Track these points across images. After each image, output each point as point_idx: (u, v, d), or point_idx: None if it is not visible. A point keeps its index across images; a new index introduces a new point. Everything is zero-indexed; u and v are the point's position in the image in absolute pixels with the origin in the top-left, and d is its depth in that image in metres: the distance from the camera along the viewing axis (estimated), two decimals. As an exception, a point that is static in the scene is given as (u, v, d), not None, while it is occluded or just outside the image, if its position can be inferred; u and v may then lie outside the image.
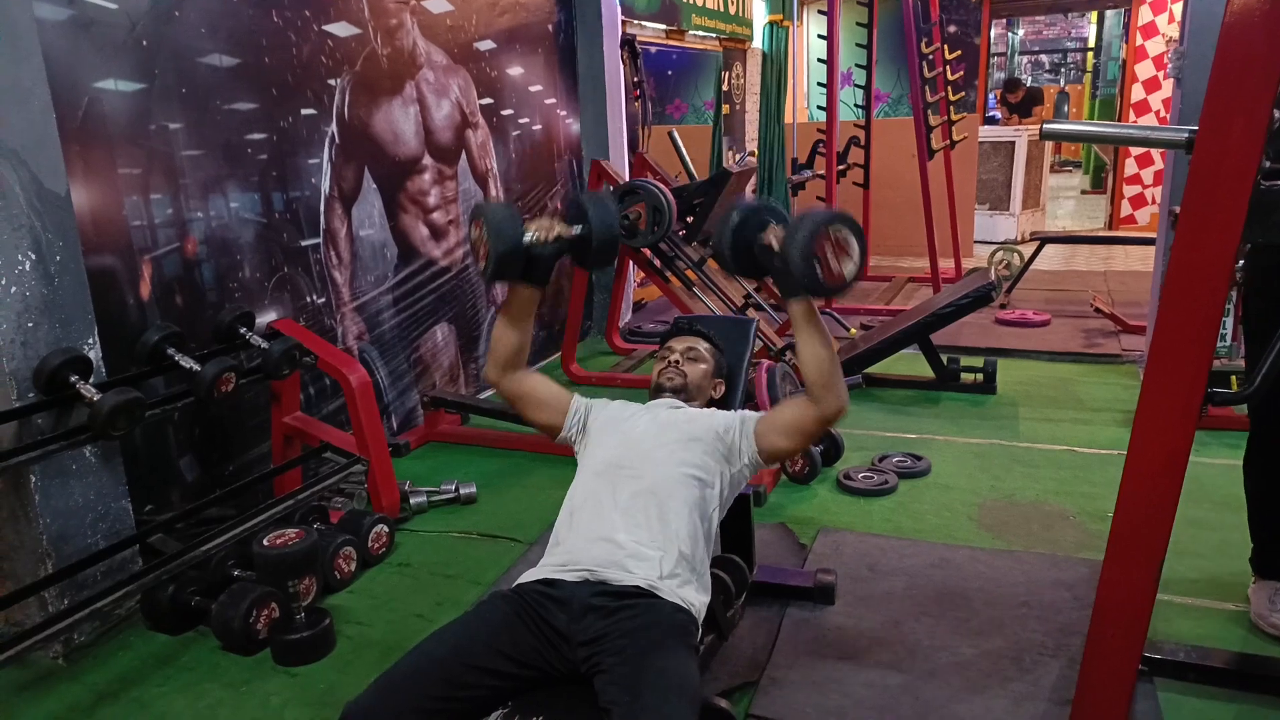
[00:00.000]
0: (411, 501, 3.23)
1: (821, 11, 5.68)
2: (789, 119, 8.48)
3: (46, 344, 2.37)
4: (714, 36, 8.15)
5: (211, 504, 2.82)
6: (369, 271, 3.77)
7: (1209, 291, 1.63)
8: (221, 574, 2.59)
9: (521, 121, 4.92)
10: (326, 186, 3.51)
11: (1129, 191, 9.07)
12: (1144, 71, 8.91)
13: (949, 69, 6.68)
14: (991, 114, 10.80)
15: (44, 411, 2.39)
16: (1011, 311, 5.81)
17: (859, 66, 6.57)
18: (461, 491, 3.32)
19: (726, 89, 8.51)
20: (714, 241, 1.90)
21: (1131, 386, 4.32)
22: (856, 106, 7.21)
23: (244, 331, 2.95)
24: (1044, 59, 19.38)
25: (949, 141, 6.71)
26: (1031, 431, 3.84)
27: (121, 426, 2.40)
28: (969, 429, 3.89)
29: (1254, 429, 2.36)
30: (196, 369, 2.68)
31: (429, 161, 4.11)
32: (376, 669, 1.63)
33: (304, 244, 3.42)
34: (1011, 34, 16.82)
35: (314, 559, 2.47)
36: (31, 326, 2.34)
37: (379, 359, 3.88)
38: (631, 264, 5.24)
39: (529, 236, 1.87)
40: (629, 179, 4.96)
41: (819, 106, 6.56)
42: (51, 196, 2.36)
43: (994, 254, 6.66)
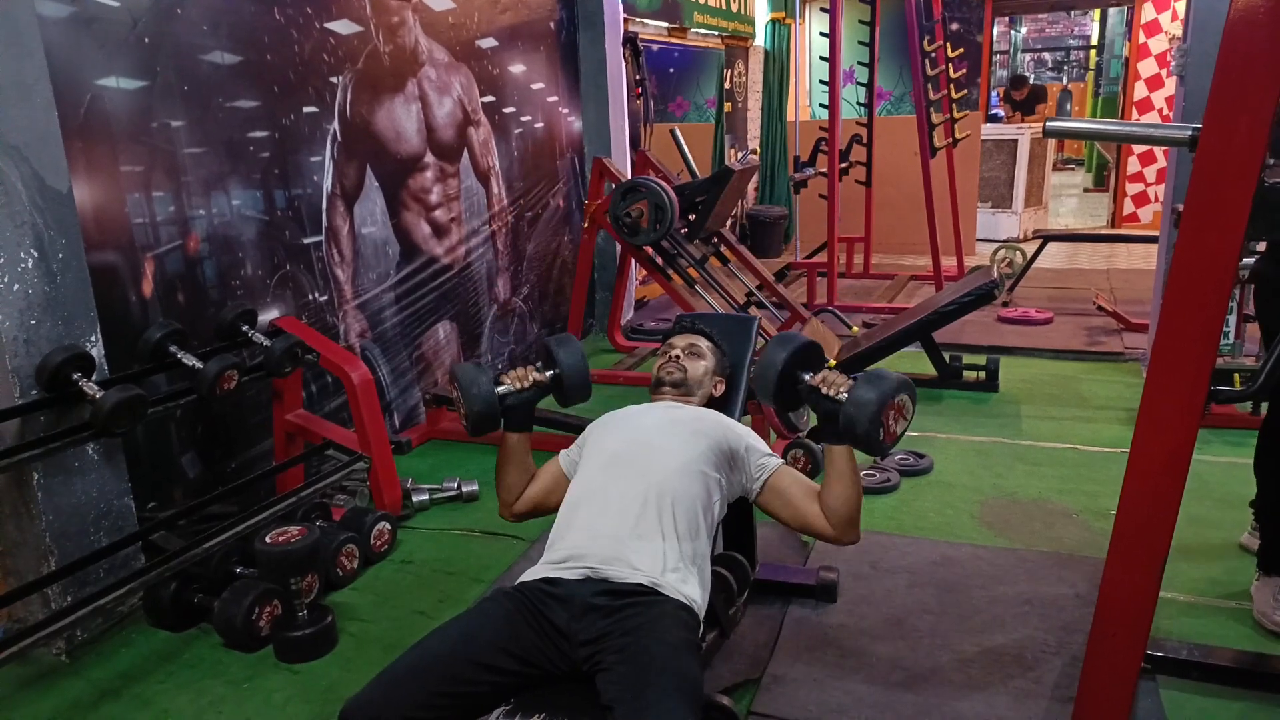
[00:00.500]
0: (413, 499, 3.24)
1: (823, 9, 5.67)
2: (791, 117, 8.50)
3: (49, 341, 2.37)
4: (716, 34, 8.14)
5: (214, 501, 2.82)
6: (371, 269, 3.77)
7: (1212, 289, 1.63)
8: (224, 571, 2.60)
9: (524, 119, 4.92)
10: (329, 184, 3.51)
11: (1132, 189, 9.06)
12: (1147, 69, 8.90)
13: (951, 67, 6.67)
14: (994, 112, 10.78)
15: (46, 409, 2.39)
16: (1014, 309, 5.80)
17: (861, 64, 6.57)
18: (463, 489, 3.33)
19: (728, 87, 8.51)
20: (758, 370, 1.93)
21: (1134, 384, 4.31)
22: (859, 104, 7.21)
23: (246, 329, 2.95)
24: (1047, 57, 19.33)
25: (951, 139, 6.71)
26: (1034, 429, 3.83)
27: (124, 424, 2.41)
28: (971, 427, 3.89)
29: (1266, 426, 2.35)
30: (199, 366, 2.68)
31: (431, 159, 4.11)
32: (378, 666, 1.63)
33: (306, 241, 3.42)
34: (1014, 32, 16.78)
35: (316, 556, 2.47)
36: (34, 324, 2.34)
37: (381, 356, 3.88)
38: (633, 262, 5.24)
39: (503, 389, 1.97)
40: (631, 176, 4.96)
41: (821, 104, 6.55)
42: (54, 193, 2.36)
43: (996, 252, 6.65)
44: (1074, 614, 2.40)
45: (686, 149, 5.28)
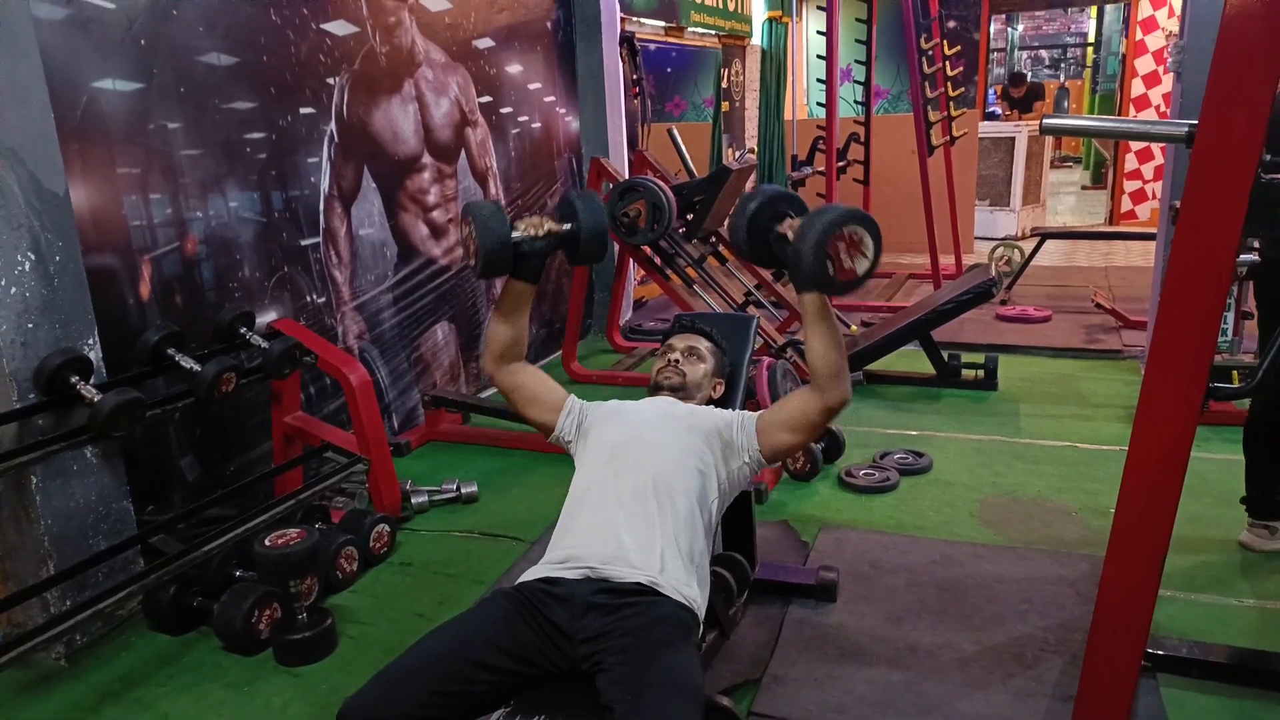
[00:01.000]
0: (413, 501, 3.23)
1: (820, 8, 5.67)
2: (788, 115, 8.48)
3: (46, 344, 2.37)
4: (713, 33, 8.13)
5: (213, 504, 2.82)
6: (369, 270, 3.77)
7: (1210, 286, 1.63)
8: (223, 574, 2.59)
9: (521, 119, 4.91)
10: (326, 185, 3.50)
11: (1129, 187, 9.06)
12: (1144, 66, 8.90)
13: (948, 65, 6.67)
14: (991, 110, 10.78)
15: (44, 412, 2.39)
16: (1012, 308, 5.80)
17: (858, 63, 6.56)
18: (463, 490, 3.32)
19: (726, 86, 8.50)
20: (730, 225, 1.90)
21: (1133, 382, 4.31)
22: (856, 103, 7.20)
23: (244, 331, 2.95)
24: (1044, 54, 19.34)
25: (949, 137, 6.71)
26: (1033, 427, 3.83)
27: (122, 427, 2.40)
28: (970, 425, 3.89)
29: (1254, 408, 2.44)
30: (197, 369, 2.67)
31: (428, 160, 4.11)
32: (378, 668, 1.62)
33: (304, 243, 3.41)
34: (1011, 29, 16.79)
35: (316, 559, 2.47)
36: (31, 327, 2.34)
37: (379, 358, 3.88)
38: (632, 262, 5.24)
39: (518, 233, 1.89)
40: (629, 176, 4.95)
41: (818, 103, 6.56)
42: (50, 196, 2.36)
43: (994, 250, 6.65)
44: (1074, 612, 2.39)
45: (684, 148, 5.28)
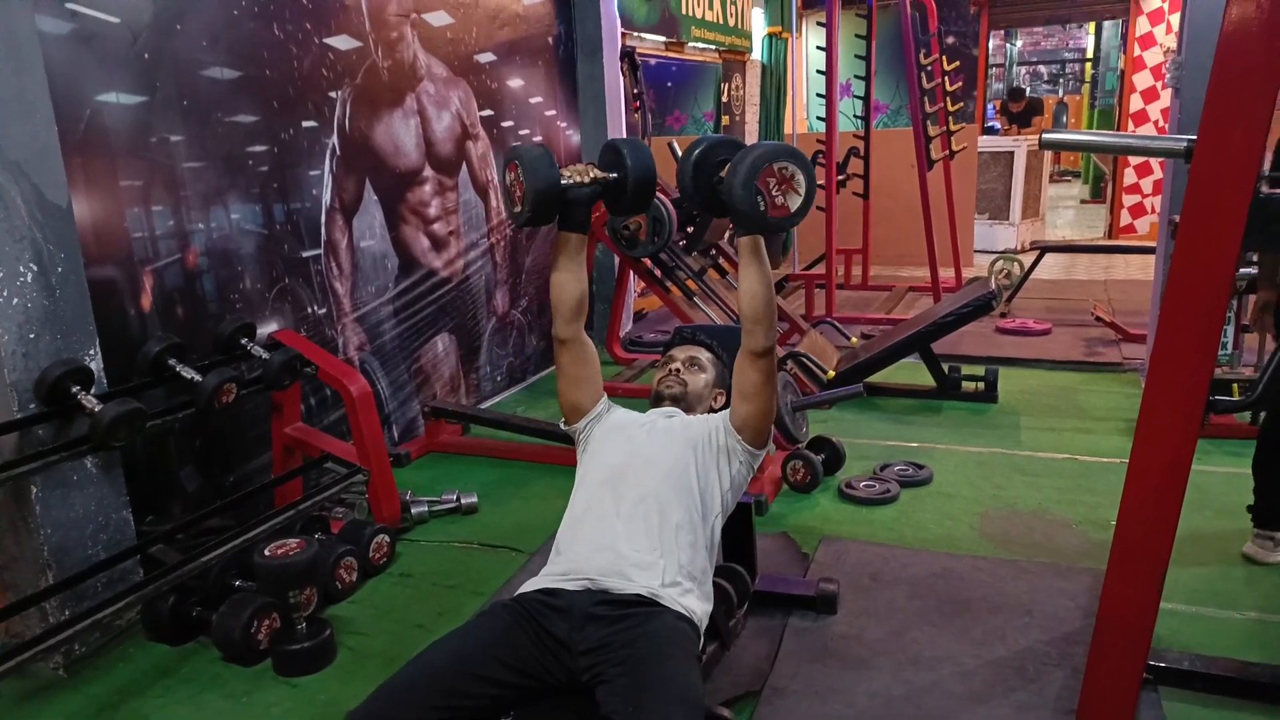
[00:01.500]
0: (412, 511, 3.23)
1: (820, 23, 5.70)
2: (788, 130, 8.53)
3: (48, 355, 2.37)
4: (713, 48, 8.18)
5: (212, 514, 2.82)
6: (370, 282, 3.78)
7: (1210, 300, 1.63)
8: (222, 585, 2.59)
9: (522, 133, 4.93)
10: (327, 198, 3.51)
11: (1128, 201, 9.09)
12: (1142, 81, 8.94)
13: (947, 80, 6.70)
14: (990, 124, 10.83)
15: (45, 422, 2.39)
16: (1012, 320, 5.81)
17: (858, 77, 6.59)
18: (462, 501, 3.32)
19: (726, 100, 8.54)
20: (678, 174, 1.88)
21: (1133, 395, 4.32)
22: (856, 117, 7.24)
23: (245, 342, 2.95)
24: (1042, 70, 19.45)
25: (948, 152, 6.73)
26: (1033, 440, 3.83)
27: (122, 437, 2.40)
28: (970, 438, 3.89)
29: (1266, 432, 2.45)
30: (197, 380, 2.67)
31: (430, 173, 4.12)
32: (378, 679, 1.62)
33: (305, 255, 3.42)
34: (1010, 45, 16.88)
35: (315, 569, 2.47)
36: (33, 338, 2.34)
37: (380, 369, 3.88)
38: (632, 274, 5.25)
39: (565, 179, 1.85)
40: (629, 189, 4.96)
41: (818, 117, 6.59)
42: (53, 208, 2.37)
43: (994, 263, 6.67)
44: (1075, 625, 2.39)
45: (684, 162, 5.28)
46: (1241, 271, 3.50)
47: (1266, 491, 2.64)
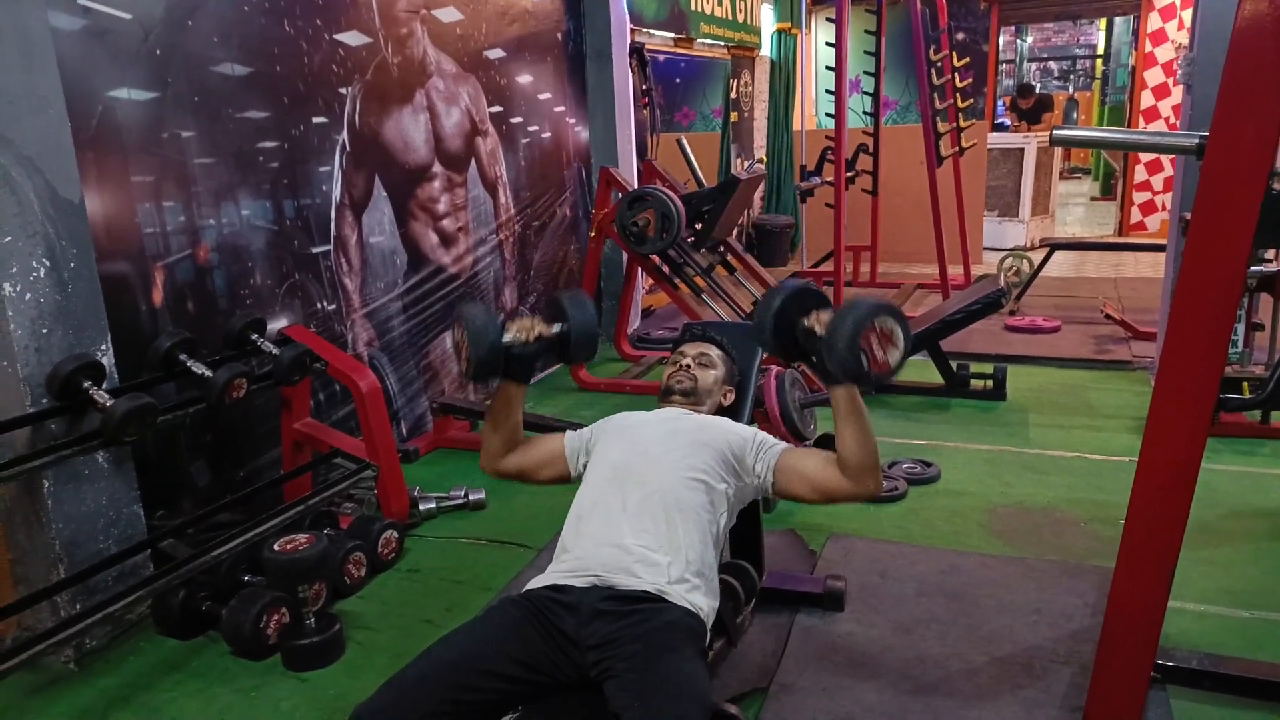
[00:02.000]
0: (421, 507, 3.24)
1: (830, 19, 5.68)
2: (797, 126, 8.51)
3: (60, 350, 2.39)
4: (722, 44, 8.16)
5: (222, 509, 2.83)
6: (379, 278, 3.79)
7: (1221, 297, 1.63)
8: (232, 579, 2.60)
9: (531, 129, 4.94)
10: (337, 194, 3.53)
11: (1139, 198, 9.05)
12: (1153, 78, 8.90)
13: (957, 76, 6.68)
14: (1000, 121, 10.79)
15: (57, 417, 2.40)
16: (1021, 318, 5.79)
17: (867, 74, 6.59)
18: (470, 497, 3.33)
19: (735, 96, 8.52)
20: (756, 319, 1.89)
21: (1143, 393, 4.30)
22: (865, 113, 7.22)
23: (255, 338, 2.97)
24: (1053, 66, 19.36)
25: (957, 148, 6.71)
26: (1042, 438, 3.82)
27: (133, 432, 2.42)
28: (979, 435, 3.88)
29: None
30: (208, 375, 2.69)
31: (439, 169, 4.13)
32: (386, 674, 1.63)
33: (315, 251, 3.44)
34: (1020, 41, 16.81)
35: (324, 564, 2.48)
36: (45, 333, 2.36)
37: (389, 365, 3.89)
38: (640, 271, 5.25)
39: (509, 337, 1.92)
40: (638, 186, 4.97)
41: (827, 113, 6.58)
42: (66, 204, 2.38)
43: (1003, 260, 6.64)
44: (1083, 623, 2.39)
45: (693, 158, 5.30)
46: (1253, 269, 3.48)
47: None
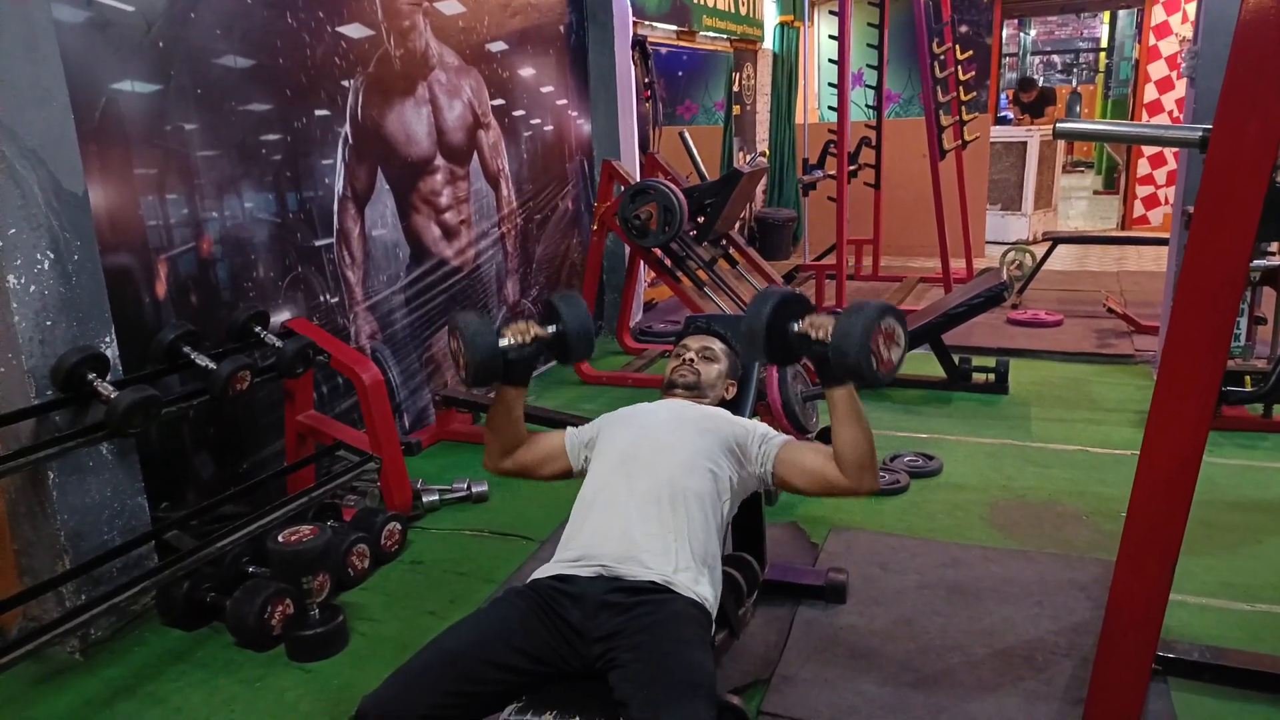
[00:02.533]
0: (424, 499, 3.25)
1: (832, 12, 5.67)
2: (800, 119, 8.49)
3: (64, 342, 2.39)
4: (725, 37, 8.14)
5: (226, 501, 2.84)
6: (382, 271, 3.79)
7: (1223, 291, 1.63)
8: (236, 570, 2.61)
9: (533, 122, 4.93)
10: (340, 187, 3.53)
11: (1142, 192, 9.03)
12: (1157, 71, 8.87)
13: (960, 69, 6.66)
14: (1003, 114, 10.76)
15: (61, 409, 2.41)
16: (1023, 312, 5.79)
17: (870, 67, 6.57)
18: (473, 489, 3.34)
19: (737, 90, 8.50)
20: (745, 328, 1.88)
21: (1145, 387, 4.30)
22: (868, 107, 7.20)
23: (258, 330, 2.97)
24: (1056, 59, 19.29)
25: (960, 142, 6.70)
26: (1044, 431, 3.83)
27: (137, 424, 2.43)
28: (981, 429, 3.89)
29: None
30: (212, 367, 2.70)
31: (441, 162, 4.13)
32: (390, 665, 1.64)
33: (317, 244, 3.44)
34: (1023, 34, 16.76)
35: (328, 556, 2.49)
36: (49, 325, 2.36)
37: (391, 358, 3.90)
38: (642, 264, 5.25)
39: (505, 342, 1.92)
40: (640, 179, 4.97)
41: (830, 107, 6.56)
42: (69, 196, 2.38)
43: (1006, 254, 6.64)
44: (1084, 615, 2.39)
45: (695, 151, 5.29)
46: (1256, 263, 3.48)
47: None
